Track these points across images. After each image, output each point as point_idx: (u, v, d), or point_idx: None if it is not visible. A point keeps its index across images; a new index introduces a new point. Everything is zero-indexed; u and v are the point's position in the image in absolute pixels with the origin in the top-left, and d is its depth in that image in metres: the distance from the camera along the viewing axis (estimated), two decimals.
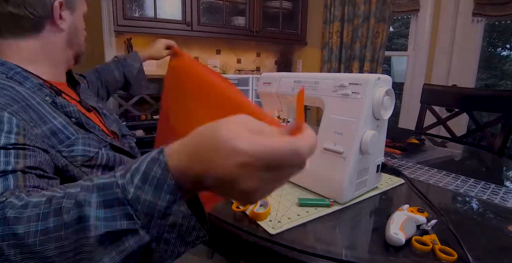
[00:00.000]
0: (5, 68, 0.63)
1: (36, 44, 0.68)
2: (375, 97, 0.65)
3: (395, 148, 1.17)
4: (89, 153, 0.62)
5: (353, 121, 0.65)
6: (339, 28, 2.79)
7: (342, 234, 0.59)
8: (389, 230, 0.53)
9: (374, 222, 0.64)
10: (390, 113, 0.69)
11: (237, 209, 0.61)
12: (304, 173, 0.73)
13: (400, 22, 4.20)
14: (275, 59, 3.54)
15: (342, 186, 0.66)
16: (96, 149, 0.64)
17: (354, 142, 0.65)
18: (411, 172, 0.93)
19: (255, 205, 0.62)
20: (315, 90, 0.74)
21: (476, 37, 2.40)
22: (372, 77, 0.65)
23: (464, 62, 2.45)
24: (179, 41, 3.14)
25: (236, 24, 2.85)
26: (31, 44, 0.67)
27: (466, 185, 0.83)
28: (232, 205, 0.63)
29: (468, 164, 1.16)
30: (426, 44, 2.60)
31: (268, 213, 0.61)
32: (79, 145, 0.61)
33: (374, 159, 0.73)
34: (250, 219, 0.60)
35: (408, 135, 1.40)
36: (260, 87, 0.93)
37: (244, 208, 0.62)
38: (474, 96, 1.56)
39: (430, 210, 0.63)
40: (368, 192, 0.75)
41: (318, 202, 0.67)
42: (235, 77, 1.34)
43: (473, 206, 0.71)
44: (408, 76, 2.75)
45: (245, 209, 0.62)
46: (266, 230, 0.57)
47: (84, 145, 0.62)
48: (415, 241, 0.52)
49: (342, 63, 2.84)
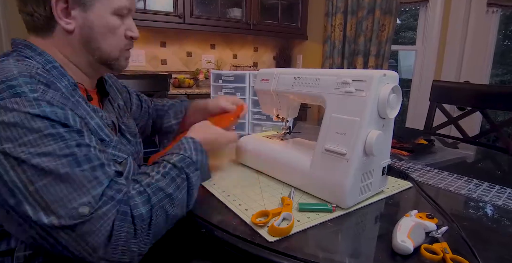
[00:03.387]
0: (43, 60, 0.63)
1: (53, 45, 0.66)
2: (380, 95, 0.65)
3: (402, 149, 1.17)
4: (118, 158, 0.67)
5: (357, 120, 0.65)
6: (342, 21, 2.79)
7: (345, 242, 0.59)
8: (396, 237, 0.53)
9: (379, 228, 0.64)
10: (396, 112, 0.69)
11: (257, 221, 0.60)
12: (304, 176, 0.73)
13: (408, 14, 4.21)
14: (274, 55, 3.55)
15: (345, 190, 0.66)
16: (125, 154, 0.69)
17: (358, 142, 0.65)
18: (420, 175, 0.93)
19: (277, 218, 0.60)
20: (316, 88, 0.75)
21: (490, 30, 2.41)
22: (377, 73, 0.65)
23: (477, 57, 2.46)
24: (170, 35, 3.15)
25: (231, 17, 2.86)
26: (49, 43, 0.66)
27: (479, 189, 0.83)
28: (251, 217, 0.61)
29: (482, 167, 1.16)
30: (436, 37, 2.61)
31: (291, 228, 0.58)
32: (110, 148, 0.66)
33: (380, 161, 0.73)
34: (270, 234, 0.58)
35: (416, 135, 1.41)
36: (258, 84, 0.93)
37: (265, 221, 0.60)
38: (488, 93, 1.57)
39: (440, 216, 0.63)
40: (373, 196, 0.75)
41: (320, 207, 0.67)
42: (230, 74, 1.34)
43: (488, 212, 0.71)
44: (417, 72, 2.76)
45: (266, 222, 0.60)
46: (264, 237, 0.56)
47: (115, 149, 0.67)
48: (424, 250, 0.52)
49: (345, 59, 2.85)
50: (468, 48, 2.49)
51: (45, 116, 0.50)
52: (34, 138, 0.49)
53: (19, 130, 0.49)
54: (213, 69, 3.07)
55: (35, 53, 0.63)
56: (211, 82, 1.39)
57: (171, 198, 0.58)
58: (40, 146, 0.49)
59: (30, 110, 0.50)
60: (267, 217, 0.61)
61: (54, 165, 0.49)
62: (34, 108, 0.50)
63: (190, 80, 2.74)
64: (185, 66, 3.07)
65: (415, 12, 3.39)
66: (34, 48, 0.64)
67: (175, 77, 2.70)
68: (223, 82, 1.36)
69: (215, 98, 1.00)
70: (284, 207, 0.65)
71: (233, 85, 1.35)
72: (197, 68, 3.03)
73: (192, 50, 3.08)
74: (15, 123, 0.48)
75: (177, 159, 0.64)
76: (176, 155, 0.65)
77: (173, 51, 2.99)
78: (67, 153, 0.51)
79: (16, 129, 0.48)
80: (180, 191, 0.60)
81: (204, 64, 3.14)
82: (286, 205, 0.66)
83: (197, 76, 2.89)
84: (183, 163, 0.64)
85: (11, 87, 0.51)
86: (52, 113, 0.51)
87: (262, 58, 3.50)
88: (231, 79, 1.34)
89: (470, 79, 2.45)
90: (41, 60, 0.63)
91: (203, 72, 2.91)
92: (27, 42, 0.65)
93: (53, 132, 0.50)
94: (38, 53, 0.63)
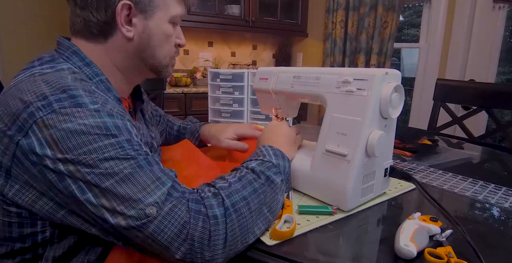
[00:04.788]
0: (91, 72, 0.63)
1: (104, 51, 0.66)
2: (382, 94, 0.65)
3: (405, 149, 1.17)
4: None
5: (358, 120, 0.65)
6: (343, 18, 2.80)
7: (346, 245, 0.59)
8: (399, 241, 0.53)
9: (382, 231, 0.64)
10: (399, 112, 0.69)
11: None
12: (304, 177, 0.73)
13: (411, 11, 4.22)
14: (273, 53, 3.55)
15: (346, 192, 0.66)
16: None
17: (360, 143, 0.65)
18: (423, 176, 0.93)
19: (279, 221, 0.61)
20: (316, 87, 0.74)
21: (497, 26, 2.41)
22: (380, 72, 0.65)
23: (483, 54, 2.46)
24: None
25: (230, 13, 2.86)
26: (100, 49, 0.66)
27: (485, 191, 0.83)
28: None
29: (488, 168, 1.17)
30: (440, 34, 2.61)
31: (293, 231, 0.59)
32: None
33: (382, 162, 0.73)
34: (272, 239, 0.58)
35: (419, 135, 1.41)
36: (256, 83, 0.93)
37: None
38: (494, 92, 1.57)
39: (444, 219, 0.63)
40: (375, 199, 0.75)
41: (320, 210, 0.67)
42: (228, 72, 1.34)
43: (494, 215, 0.71)
44: (420, 70, 2.76)
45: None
46: (263, 240, 0.57)
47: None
48: (428, 254, 0.52)
49: (347, 57, 2.85)
50: (473, 45, 2.49)
51: (106, 126, 0.52)
52: (95, 147, 0.50)
53: (81, 138, 0.50)
54: (211, 68, 3.08)
55: (83, 63, 0.63)
56: (209, 81, 1.39)
57: (246, 201, 0.56)
58: (104, 152, 0.50)
59: (91, 120, 0.51)
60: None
61: (118, 169, 0.51)
62: (96, 118, 0.52)
63: (187, 79, 2.74)
64: (182, 65, 3.07)
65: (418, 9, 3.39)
66: (83, 56, 0.64)
67: (171, 76, 2.70)
68: (221, 81, 1.36)
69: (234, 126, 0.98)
70: (285, 209, 0.65)
71: (231, 84, 1.35)
72: (194, 66, 3.03)
73: (189, 48, 3.08)
74: (76, 131, 0.50)
75: (255, 164, 0.64)
76: (254, 161, 0.65)
77: None
78: (129, 157, 0.52)
79: (79, 138, 0.50)
80: (258, 195, 0.58)
81: (202, 63, 3.14)
82: (287, 206, 0.66)
83: (194, 75, 2.89)
84: (262, 167, 0.63)
85: (72, 97, 0.52)
86: (112, 123, 0.53)
87: (261, 56, 3.50)
88: (229, 78, 1.34)
89: (476, 78, 2.45)
90: (88, 72, 0.63)
91: (200, 70, 2.92)
92: (76, 48, 0.64)
93: (113, 141, 0.52)
94: (86, 63, 0.63)
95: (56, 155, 0.49)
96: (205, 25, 2.71)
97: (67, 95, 0.52)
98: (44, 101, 0.50)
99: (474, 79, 2.43)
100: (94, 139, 0.50)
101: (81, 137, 0.50)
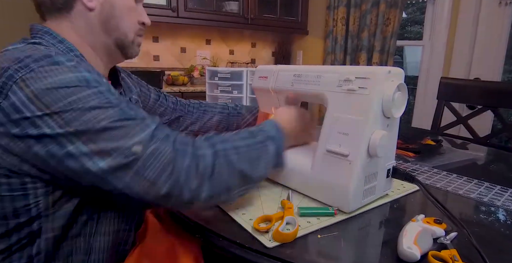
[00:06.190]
0: (65, 48, 0.67)
1: (70, 27, 0.69)
2: (385, 93, 0.65)
3: (408, 150, 1.18)
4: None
5: (360, 120, 0.65)
6: (344, 15, 2.80)
7: (348, 248, 0.59)
8: (402, 243, 0.53)
9: (384, 234, 0.64)
10: (402, 111, 0.70)
11: (259, 227, 0.60)
12: (304, 178, 0.73)
13: (415, 7, 4.23)
14: (272, 50, 3.55)
15: (348, 193, 0.66)
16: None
17: (361, 143, 0.65)
18: (427, 177, 0.93)
19: (281, 223, 0.60)
20: (317, 85, 0.75)
21: (503, 23, 2.40)
22: (382, 70, 0.65)
23: (489, 52, 2.46)
24: (163, 29, 3.15)
25: (228, 10, 2.86)
26: (65, 25, 0.69)
27: (491, 193, 0.83)
28: (253, 223, 0.61)
29: (493, 169, 1.17)
30: (444, 31, 2.61)
31: (296, 233, 0.58)
32: None
33: (384, 162, 0.73)
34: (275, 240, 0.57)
35: (423, 136, 1.41)
36: (256, 82, 0.93)
37: (267, 227, 0.60)
38: (500, 91, 1.57)
39: (449, 221, 0.63)
40: (377, 200, 0.75)
41: (321, 211, 0.67)
42: (227, 71, 1.34)
43: (500, 217, 0.71)
44: (423, 68, 2.77)
45: (268, 227, 0.60)
46: (263, 243, 0.56)
47: None
48: (432, 257, 0.52)
49: (348, 55, 2.85)
50: (478, 43, 2.49)
51: (85, 78, 0.55)
52: (79, 97, 0.53)
53: (64, 91, 0.53)
54: (209, 66, 3.07)
55: (56, 40, 0.66)
56: (207, 79, 1.39)
57: (237, 149, 0.61)
58: (89, 101, 0.53)
59: (71, 75, 0.54)
60: (270, 222, 0.61)
61: (105, 116, 0.54)
62: (75, 73, 0.55)
63: (184, 77, 2.74)
64: (178, 63, 3.07)
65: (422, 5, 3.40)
66: (55, 35, 0.67)
67: (168, 75, 2.70)
68: (219, 80, 1.36)
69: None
70: (286, 210, 0.65)
71: (230, 82, 1.35)
72: (191, 64, 3.03)
73: (186, 46, 3.08)
74: (57, 86, 0.52)
75: (253, 129, 0.70)
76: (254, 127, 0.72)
77: (166, 47, 2.98)
78: (112, 105, 0.55)
79: (61, 90, 0.52)
80: (249, 148, 0.63)
81: (199, 61, 3.14)
82: (288, 208, 0.66)
83: (192, 73, 2.89)
84: (258, 131, 0.68)
85: (49, 56, 0.55)
86: (91, 76, 0.56)
87: (260, 54, 3.50)
88: (227, 76, 1.35)
89: (481, 76, 2.45)
90: (62, 48, 0.66)
91: (198, 69, 2.91)
92: (47, 28, 0.67)
93: (95, 90, 0.55)
94: (59, 40, 0.67)
95: (40, 110, 0.51)
96: (202, 22, 2.71)
97: (43, 55, 0.55)
98: (22, 63, 0.53)
99: (479, 78, 2.44)
100: (77, 90, 0.53)
101: (63, 90, 0.52)
